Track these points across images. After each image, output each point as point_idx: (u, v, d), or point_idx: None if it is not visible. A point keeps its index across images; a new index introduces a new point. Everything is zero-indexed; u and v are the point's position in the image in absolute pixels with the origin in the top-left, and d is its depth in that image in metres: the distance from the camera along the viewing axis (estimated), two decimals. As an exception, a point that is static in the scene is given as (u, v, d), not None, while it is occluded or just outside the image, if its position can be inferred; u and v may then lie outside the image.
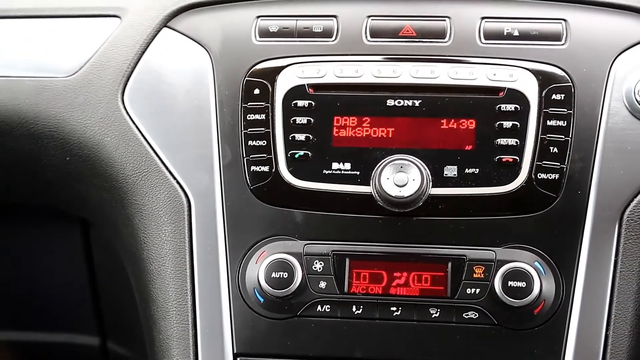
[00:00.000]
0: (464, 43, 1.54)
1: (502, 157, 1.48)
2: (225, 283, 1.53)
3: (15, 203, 2.05)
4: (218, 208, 1.54)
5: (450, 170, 1.49)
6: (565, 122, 1.49)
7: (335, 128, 1.52)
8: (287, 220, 1.53)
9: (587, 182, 1.49)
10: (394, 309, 1.51)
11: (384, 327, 1.51)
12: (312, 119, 1.52)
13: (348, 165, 1.51)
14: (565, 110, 1.49)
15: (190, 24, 1.62)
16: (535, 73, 1.50)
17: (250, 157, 1.53)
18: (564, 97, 1.49)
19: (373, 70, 1.53)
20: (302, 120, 1.52)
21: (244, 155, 1.54)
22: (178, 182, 1.56)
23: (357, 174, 1.50)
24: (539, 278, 1.46)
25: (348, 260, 1.52)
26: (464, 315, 1.49)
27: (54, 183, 1.74)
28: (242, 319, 1.53)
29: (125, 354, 2.33)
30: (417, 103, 1.51)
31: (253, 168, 1.53)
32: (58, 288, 2.29)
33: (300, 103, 1.53)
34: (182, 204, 1.55)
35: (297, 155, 1.52)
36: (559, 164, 1.48)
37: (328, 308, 1.51)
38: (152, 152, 1.57)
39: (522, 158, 1.48)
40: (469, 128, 1.49)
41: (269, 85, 1.54)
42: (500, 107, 1.49)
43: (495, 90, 1.50)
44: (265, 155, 1.53)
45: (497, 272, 1.47)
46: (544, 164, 1.48)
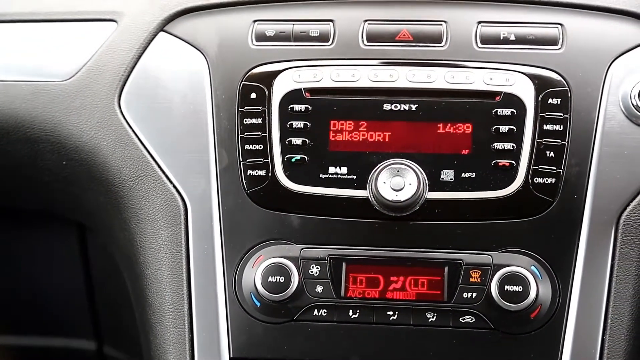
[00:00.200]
0: (461, 47, 1.54)
1: (498, 161, 1.48)
2: (222, 287, 1.53)
3: (12, 207, 2.05)
4: (214, 212, 1.54)
5: (447, 175, 1.49)
6: (562, 126, 1.49)
7: (332, 132, 1.52)
8: (283, 225, 1.53)
9: (583, 186, 1.49)
10: (391, 313, 1.51)
11: (381, 331, 1.51)
12: (308, 123, 1.52)
13: (344, 170, 1.51)
14: (562, 115, 1.49)
15: (187, 28, 1.62)
16: (532, 77, 1.50)
17: (247, 161, 1.53)
18: (561, 101, 1.49)
19: (370, 75, 1.53)
20: (298, 125, 1.52)
21: (241, 160, 1.53)
22: (174, 186, 1.56)
23: (353, 178, 1.50)
24: (536, 282, 1.46)
25: (345, 265, 1.51)
26: (461, 320, 1.49)
27: (50, 187, 1.74)
28: (238, 323, 1.53)
29: (122, 359, 2.32)
30: (413, 107, 1.51)
31: (249, 172, 1.53)
32: (54, 292, 2.29)
33: (297, 107, 1.52)
34: (178, 208, 1.55)
35: (293, 160, 1.52)
36: (556, 168, 1.48)
37: (325, 312, 1.51)
38: (148, 156, 1.57)
39: (518, 162, 1.48)
40: (466, 132, 1.49)
41: (266, 90, 1.54)
42: (497, 111, 1.49)
43: (492, 95, 1.50)
44: (262, 160, 1.52)
45: (493, 276, 1.47)
46: (541, 168, 1.48)
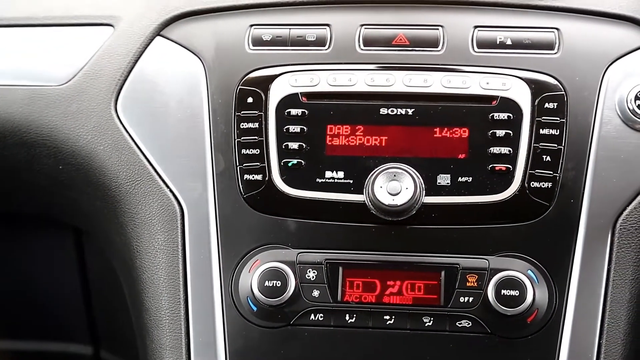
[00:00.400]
0: (457, 52, 1.54)
1: (495, 165, 1.48)
2: (218, 292, 1.53)
3: (8, 211, 2.05)
4: (211, 216, 1.54)
5: (444, 179, 1.49)
6: (558, 130, 1.49)
7: (329, 136, 1.52)
8: (280, 229, 1.53)
9: (580, 190, 1.49)
10: (388, 318, 1.51)
11: (378, 335, 1.51)
12: (305, 128, 1.52)
13: (341, 174, 1.51)
14: (558, 119, 1.49)
15: (184, 33, 1.62)
16: (528, 82, 1.50)
17: (244, 165, 1.53)
18: (557, 105, 1.49)
19: (366, 79, 1.53)
20: (295, 129, 1.52)
21: (237, 164, 1.53)
22: (171, 190, 1.56)
23: (350, 183, 1.50)
24: (532, 286, 1.46)
25: (341, 269, 1.51)
26: (457, 324, 1.49)
27: (47, 191, 1.74)
28: (235, 328, 1.52)
29: (118, 363, 2.33)
30: (410, 112, 1.51)
31: (246, 176, 1.53)
32: (51, 297, 2.29)
33: (294, 111, 1.52)
34: (175, 213, 1.55)
35: (290, 164, 1.52)
36: (552, 173, 1.48)
37: (321, 317, 1.51)
38: (145, 160, 1.57)
39: (515, 167, 1.48)
40: (462, 137, 1.49)
41: (262, 94, 1.54)
42: (493, 115, 1.49)
43: (488, 99, 1.50)
44: (259, 164, 1.52)
45: (490, 280, 1.47)
46: (537, 173, 1.48)
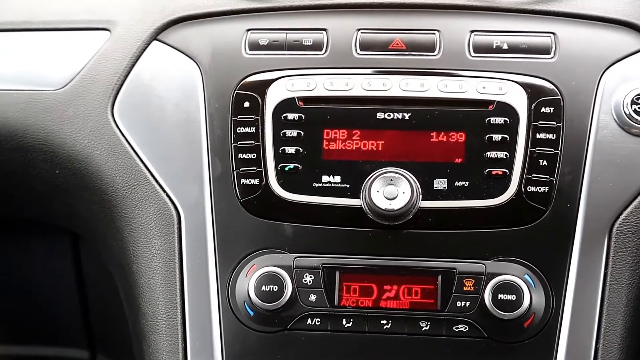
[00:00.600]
0: (454, 56, 1.54)
1: (491, 170, 1.48)
2: (215, 296, 1.53)
3: (5, 216, 2.04)
4: (208, 221, 1.54)
5: (440, 183, 1.49)
6: (555, 135, 1.49)
7: (325, 141, 1.52)
8: (277, 233, 1.53)
9: (576, 195, 1.49)
10: (384, 322, 1.51)
11: (374, 340, 1.51)
12: (302, 132, 1.52)
13: (338, 178, 1.51)
14: (555, 123, 1.49)
15: (180, 37, 1.62)
16: (525, 86, 1.51)
17: (240, 170, 1.53)
18: (553, 110, 1.50)
19: (363, 83, 1.53)
20: (292, 133, 1.52)
21: (234, 168, 1.53)
22: (168, 195, 1.56)
23: (347, 187, 1.50)
24: (529, 291, 1.46)
25: (338, 273, 1.51)
26: (454, 329, 1.49)
27: (44, 196, 1.73)
28: (232, 333, 1.52)
29: (115, 368, 2.32)
30: (406, 116, 1.51)
31: (243, 181, 1.53)
32: (48, 301, 2.28)
33: (290, 116, 1.52)
34: (171, 217, 1.55)
35: (287, 168, 1.52)
36: (549, 177, 1.48)
37: (318, 321, 1.51)
38: (141, 165, 1.57)
39: (511, 171, 1.48)
40: (459, 141, 1.49)
41: (259, 98, 1.54)
42: (490, 120, 1.49)
43: (485, 103, 1.50)
44: (255, 168, 1.52)
45: (487, 285, 1.47)
46: (534, 177, 1.48)
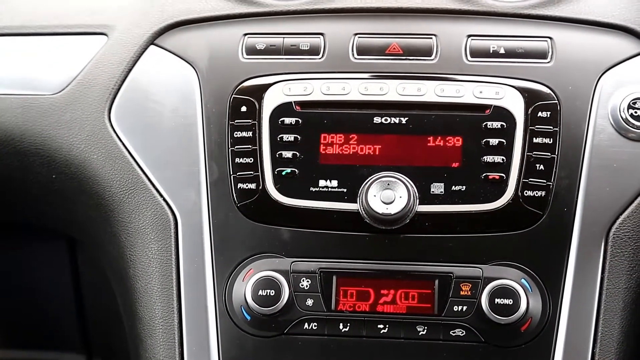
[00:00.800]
0: (451, 61, 1.55)
1: (488, 174, 1.48)
2: (212, 301, 1.53)
3: (2, 220, 2.04)
4: (205, 225, 1.54)
5: (437, 188, 1.49)
6: (551, 139, 1.49)
7: (322, 145, 1.52)
8: (274, 238, 1.53)
9: (573, 199, 1.49)
10: (381, 327, 1.50)
11: (371, 344, 1.51)
12: (299, 137, 1.52)
13: (335, 183, 1.51)
14: (551, 128, 1.49)
15: (178, 42, 1.62)
16: (521, 91, 1.51)
17: (237, 174, 1.53)
18: (550, 114, 1.50)
19: (360, 88, 1.53)
20: (289, 138, 1.52)
21: (231, 173, 1.53)
22: (165, 199, 1.56)
23: (344, 192, 1.50)
24: (526, 295, 1.46)
25: (335, 278, 1.51)
26: (451, 333, 1.49)
27: (40, 201, 1.73)
28: (228, 337, 1.52)
29: (112, 372, 2.32)
30: (403, 120, 1.51)
31: (240, 185, 1.53)
32: (44, 306, 2.28)
33: (287, 120, 1.52)
34: (168, 222, 1.55)
35: (284, 173, 1.52)
36: (545, 181, 1.48)
37: (315, 326, 1.51)
38: (138, 169, 1.57)
39: (508, 175, 1.48)
40: (456, 145, 1.50)
41: (256, 103, 1.54)
42: (487, 124, 1.49)
43: (482, 108, 1.50)
44: (252, 173, 1.52)
45: (484, 289, 1.47)
46: (531, 181, 1.48)
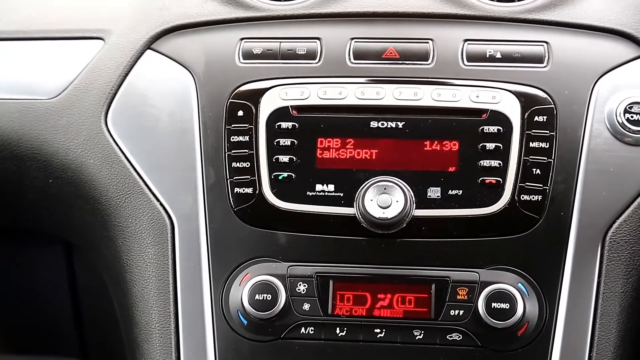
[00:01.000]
0: (447, 65, 1.55)
1: (485, 178, 1.49)
2: (209, 305, 1.53)
3: (-2, 225, 2.04)
4: (201, 230, 1.54)
5: (434, 192, 1.49)
6: (548, 144, 1.49)
7: (319, 150, 1.52)
8: (270, 242, 1.53)
9: (569, 203, 1.49)
10: (378, 331, 1.50)
11: (368, 349, 1.50)
12: (295, 141, 1.52)
13: (332, 187, 1.51)
14: (548, 132, 1.49)
15: (174, 46, 1.62)
16: (518, 95, 1.51)
17: (234, 178, 1.53)
18: (546, 119, 1.50)
19: (356, 92, 1.53)
20: (285, 142, 1.52)
21: (228, 177, 1.53)
22: (161, 204, 1.56)
23: (340, 196, 1.50)
24: (522, 299, 1.46)
25: (332, 282, 1.51)
26: (448, 337, 1.49)
27: (37, 205, 1.73)
28: (225, 342, 1.52)
29: (108, 377, 2.31)
30: (400, 125, 1.51)
31: (237, 190, 1.53)
32: (41, 310, 2.28)
33: (284, 125, 1.52)
34: (165, 226, 1.55)
35: (280, 177, 1.52)
36: (542, 186, 1.48)
37: (312, 330, 1.51)
38: (135, 174, 1.57)
39: (505, 180, 1.48)
40: (452, 150, 1.50)
41: (253, 107, 1.54)
42: (483, 128, 1.50)
43: (478, 112, 1.51)
44: (249, 177, 1.52)
45: (480, 293, 1.47)
46: (527, 186, 1.48)
